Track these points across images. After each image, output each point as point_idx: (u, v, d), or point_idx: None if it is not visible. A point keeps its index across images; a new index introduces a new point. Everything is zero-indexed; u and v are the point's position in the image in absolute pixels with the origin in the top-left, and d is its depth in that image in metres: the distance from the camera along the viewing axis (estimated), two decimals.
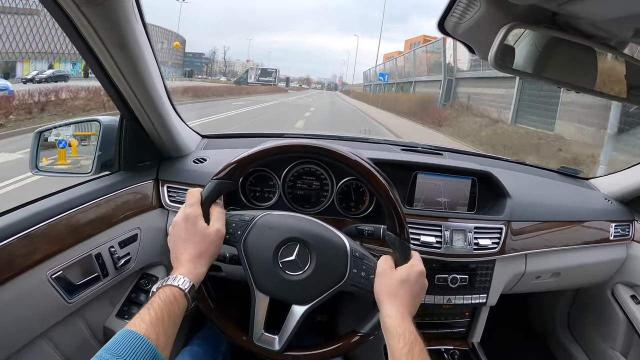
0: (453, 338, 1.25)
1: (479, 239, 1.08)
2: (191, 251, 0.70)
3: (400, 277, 0.73)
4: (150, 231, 1.06)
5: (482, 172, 1.14)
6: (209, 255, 0.72)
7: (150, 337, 0.55)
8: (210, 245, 0.72)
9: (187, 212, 0.73)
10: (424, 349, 0.65)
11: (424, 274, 0.76)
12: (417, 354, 0.64)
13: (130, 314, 1.05)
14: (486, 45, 0.63)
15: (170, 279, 0.66)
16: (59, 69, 25.71)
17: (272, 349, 0.77)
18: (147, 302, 0.62)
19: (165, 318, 0.59)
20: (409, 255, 0.77)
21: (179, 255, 0.71)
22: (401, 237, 0.77)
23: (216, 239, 0.73)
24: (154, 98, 0.93)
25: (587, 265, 1.31)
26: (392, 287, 0.73)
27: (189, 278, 0.66)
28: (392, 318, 0.69)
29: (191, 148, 1.20)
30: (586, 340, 1.57)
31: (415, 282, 0.73)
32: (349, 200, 1.11)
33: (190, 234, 0.71)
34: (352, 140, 1.49)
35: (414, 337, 0.66)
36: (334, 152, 0.79)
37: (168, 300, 0.62)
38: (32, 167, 1.06)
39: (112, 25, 0.71)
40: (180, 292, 0.64)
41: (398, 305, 0.71)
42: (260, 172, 1.10)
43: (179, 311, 0.63)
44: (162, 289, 0.64)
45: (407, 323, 0.68)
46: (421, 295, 0.75)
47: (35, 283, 0.78)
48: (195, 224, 0.72)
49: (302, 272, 0.76)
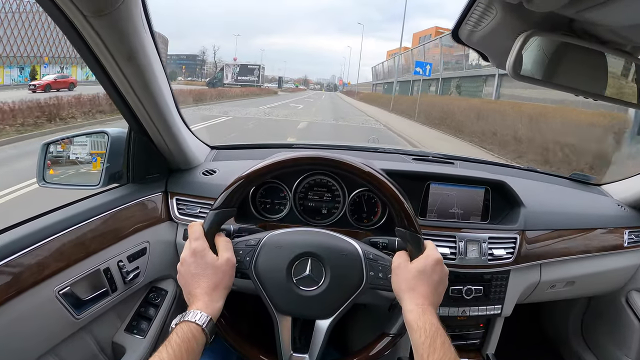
0: (467, 350, 1.22)
1: (494, 249, 1.06)
2: (205, 285, 0.69)
3: (416, 269, 0.71)
4: (159, 244, 1.05)
5: (496, 182, 1.12)
6: (224, 287, 0.71)
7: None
8: (224, 276, 0.71)
9: (193, 247, 0.72)
10: (446, 340, 0.63)
11: (441, 261, 0.73)
12: (439, 346, 0.61)
13: (139, 329, 1.03)
14: (501, 53, 0.63)
15: (187, 315, 0.65)
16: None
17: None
18: (156, 315, 0.61)
19: (184, 355, 0.59)
20: (422, 246, 0.75)
21: (192, 290, 0.70)
22: (411, 230, 0.76)
23: (228, 269, 0.72)
24: (162, 110, 0.92)
25: (602, 272, 1.29)
26: (409, 281, 0.71)
27: (206, 312, 0.66)
28: (412, 313, 0.67)
29: (200, 160, 1.19)
30: (600, 348, 1.54)
31: (432, 271, 0.71)
32: (361, 211, 1.10)
33: (200, 267, 0.71)
34: (362, 150, 1.48)
35: (435, 329, 0.64)
36: (346, 163, 0.79)
37: (186, 338, 0.61)
38: (39, 179, 1.06)
39: (120, 36, 0.71)
40: (198, 328, 0.63)
41: (418, 299, 0.69)
42: (270, 183, 1.09)
43: (197, 347, 0.62)
44: (179, 326, 0.63)
45: (427, 315, 0.66)
46: (442, 284, 0.73)
47: (43, 299, 0.77)
48: (204, 257, 0.71)
49: (318, 286, 0.75)
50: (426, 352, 0.61)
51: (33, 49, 24.69)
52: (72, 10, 0.62)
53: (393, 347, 0.78)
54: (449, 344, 0.63)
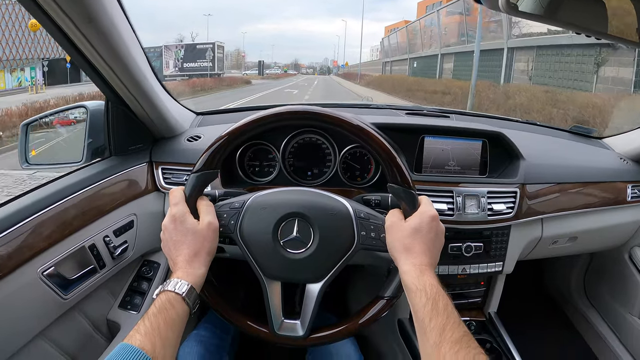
0: (469, 309, 1.21)
1: (493, 204, 1.03)
2: (186, 252, 0.67)
3: (410, 227, 0.68)
4: (147, 216, 1.02)
5: (493, 133, 1.08)
6: (206, 253, 0.69)
7: (145, 348, 0.53)
8: (204, 241, 0.68)
9: (173, 213, 0.69)
10: (449, 302, 0.60)
11: (437, 217, 0.70)
12: (442, 309, 0.58)
13: (132, 304, 1.02)
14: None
15: (167, 284, 0.63)
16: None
17: (296, 335, 0.73)
18: (149, 288, 0.59)
19: (161, 326, 0.56)
20: (416, 202, 0.71)
21: (174, 259, 0.68)
22: (404, 186, 0.72)
23: (209, 234, 0.69)
24: (136, 77, 0.87)
25: (605, 228, 1.26)
26: (404, 240, 0.67)
27: (186, 280, 0.63)
28: (409, 274, 0.64)
29: (185, 127, 1.15)
30: (603, 305, 1.54)
31: (428, 229, 0.68)
32: (354, 169, 1.06)
33: (180, 234, 0.68)
34: (353, 107, 1.43)
35: (435, 291, 0.60)
36: (333, 116, 0.74)
37: (163, 307, 0.59)
38: (22, 161, 1.03)
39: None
40: (177, 297, 0.61)
41: (414, 259, 0.66)
42: (258, 145, 1.05)
43: (177, 317, 0.60)
44: (158, 297, 0.61)
45: (426, 276, 0.63)
46: (439, 242, 0.70)
47: (26, 281, 0.74)
48: (184, 222, 0.68)
49: (307, 248, 0.72)
50: (428, 315, 0.58)
51: None
52: None
53: (391, 309, 0.75)
54: (452, 306, 0.60)
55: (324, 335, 0.74)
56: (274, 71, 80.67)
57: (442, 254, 0.71)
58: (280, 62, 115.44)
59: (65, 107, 1.09)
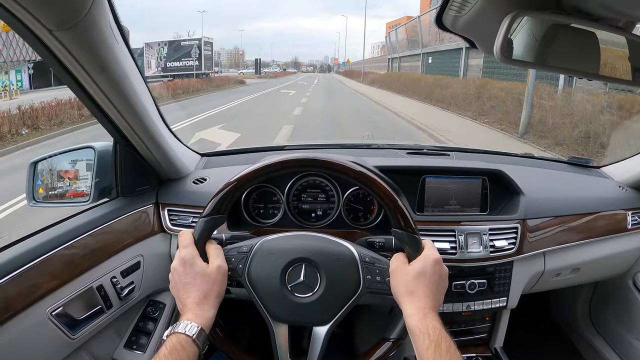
0: (475, 345, 1.20)
1: (495, 240, 1.04)
2: (195, 294, 0.68)
3: (414, 271, 0.69)
4: (153, 257, 1.03)
5: (492, 171, 1.10)
6: (215, 295, 0.69)
7: None
8: (214, 284, 0.69)
9: (182, 255, 0.70)
10: (451, 344, 0.61)
11: (441, 261, 0.71)
12: (445, 351, 0.59)
13: (138, 344, 1.02)
14: (489, 37, 0.61)
15: (177, 326, 0.63)
16: None
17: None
18: (155, 329, 0.59)
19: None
20: (420, 246, 0.72)
21: (183, 301, 0.68)
22: (408, 231, 0.73)
23: (219, 277, 0.70)
24: (144, 121, 0.90)
25: (607, 256, 1.27)
26: (408, 283, 0.68)
27: (196, 322, 0.64)
28: (413, 317, 0.65)
29: (190, 168, 1.17)
30: (610, 332, 1.52)
31: (432, 272, 0.69)
32: (357, 210, 1.08)
33: (190, 276, 0.69)
34: (355, 147, 1.46)
35: (438, 334, 0.61)
36: (336, 163, 0.76)
37: (174, 349, 0.60)
38: (29, 199, 1.04)
39: (89, 48, 0.68)
40: (187, 339, 0.62)
41: (418, 302, 0.66)
42: (263, 188, 1.07)
43: (188, 358, 0.60)
44: (169, 338, 0.62)
45: (430, 319, 0.64)
46: (443, 285, 0.71)
47: (35, 322, 0.75)
48: (194, 265, 0.69)
49: (313, 292, 0.73)
50: (431, 357, 0.59)
51: None
52: (36, 25, 0.60)
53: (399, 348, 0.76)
54: (455, 348, 0.61)
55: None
56: (272, 69, 76.87)
57: (446, 292, 0.72)
58: (279, 61, 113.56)
59: (73, 147, 1.10)
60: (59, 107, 9.17)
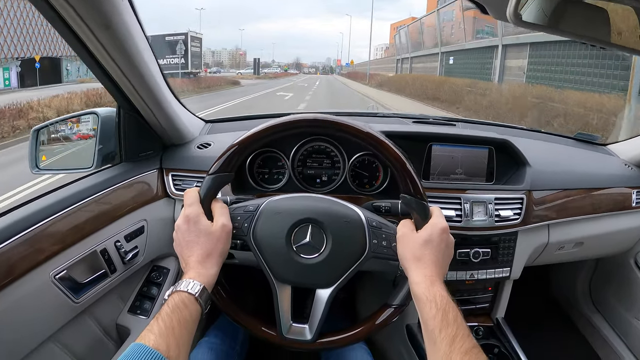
0: (476, 314, 1.21)
1: (500, 210, 1.03)
2: (198, 252, 0.68)
3: (422, 238, 0.69)
4: (157, 222, 1.03)
5: (499, 140, 1.09)
6: (218, 254, 0.69)
7: (159, 348, 0.53)
8: (217, 242, 0.69)
9: (187, 213, 0.70)
10: (459, 313, 0.60)
11: (447, 230, 0.71)
12: (452, 320, 0.59)
13: (142, 309, 1.02)
14: (500, 3, 0.59)
15: (179, 285, 0.63)
16: None
17: (304, 339, 0.74)
18: (159, 294, 0.59)
19: (175, 326, 0.57)
20: (428, 213, 0.72)
21: (186, 259, 0.68)
22: (417, 197, 0.72)
23: (223, 235, 0.70)
24: (150, 84, 0.88)
25: (611, 233, 1.27)
26: (415, 250, 0.68)
27: (198, 281, 0.64)
28: (419, 285, 0.65)
29: (194, 134, 1.16)
30: (609, 310, 1.54)
31: (439, 240, 0.69)
32: (362, 176, 1.07)
33: (194, 234, 0.69)
34: (361, 115, 1.44)
35: (445, 302, 0.61)
36: (345, 124, 0.75)
37: (177, 308, 0.60)
38: (32, 166, 1.03)
39: (92, 2, 0.66)
40: (190, 297, 0.62)
41: (425, 269, 0.66)
42: (267, 153, 1.06)
43: (191, 317, 0.60)
44: (171, 297, 0.62)
45: (437, 287, 0.63)
46: (449, 253, 0.71)
47: (39, 285, 0.75)
48: (198, 223, 0.69)
49: (319, 253, 0.73)
50: (438, 326, 0.58)
51: None
52: None
53: (401, 314, 0.76)
54: (462, 318, 0.60)
55: (331, 340, 0.75)
56: (272, 70, 76.80)
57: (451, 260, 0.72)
58: (281, 62, 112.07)
59: (76, 113, 1.09)
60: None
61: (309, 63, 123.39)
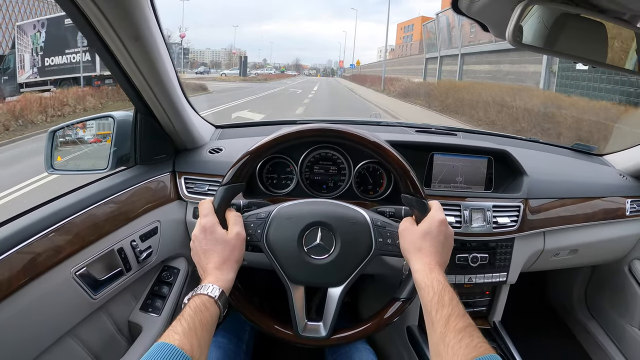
0: (474, 317, 1.23)
1: (498, 217, 1.08)
2: (215, 259, 0.71)
3: (421, 230, 0.73)
4: (170, 223, 1.07)
5: (498, 151, 1.14)
6: (234, 260, 0.73)
7: (184, 347, 0.55)
8: (233, 250, 0.73)
9: (203, 223, 0.74)
10: (454, 295, 0.64)
11: (446, 222, 0.75)
12: (447, 302, 0.62)
13: (153, 307, 1.06)
14: (501, 23, 0.64)
15: (199, 288, 0.67)
16: None
17: (319, 336, 0.78)
18: (169, 293, 0.61)
19: (197, 327, 0.60)
20: (427, 208, 0.77)
21: (204, 266, 0.72)
22: (417, 196, 0.77)
23: (238, 243, 0.74)
24: (169, 90, 0.93)
25: (605, 240, 1.31)
26: (415, 242, 0.73)
27: (217, 285, 0.67)
28: (419, 272, 0.69)
29: (206, 139, 1.21)
30: (604, 317, 1.57)
31: (438, 231, 0.73)
32: (367, 183, 1.12)
33: (210, 243, 0.72)
34: (365, 124, 1.49)
35: (442, 286, 0.65)
36: (352, 133, 0.80)
37: (199, 309, 0.62)
38: (47, 166, 1.07)
39: (126, 16, 0.71)
40: (210, 300, 0.65)
41: (424, 258, 0.71)
42: (277, 159, 1.10)
43: (211, 319, 0.64)
44: (192, 299, 0.65)
45: (435, 273, 0.67)
46: (448, 244, 0.75)
47: (60, 281, 0.78)
48: (214, 232, 0.73)
49: (329, 254, 0.77)
50: (434, 308, 0.62)
51: None
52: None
53: (402, 315, 0.80)
54: (457, 300, 0.64)
55: (345, 335, 0.79)
56: (266, 71, 63.21)
57: (450, 265, 0.76)
58: (278, 62, 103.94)
59: (93, 116, 1.13)
60: None
61: (309, 65, 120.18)
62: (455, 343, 0.57)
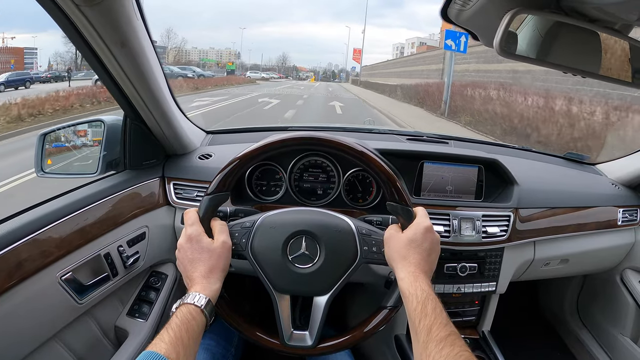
0: (463, 327, 1.25)
1: (487, 226, 1.08)
2: (202, 268, 0.71)
3: (406, 238, 0.73)
4: (158, 229, 1.07)
5: (489, 160, 1.13)
6: (220, 269, 0.73)
7: (170, 356, 0.55)
8: (219, 259, 0.73)
9: (189, 233, 0.74)
10: (437, 304, 0.63)
11: (432, 228, 0.74)
12: (430, 311, 0.62)
13: (140, 312, 1.05)
14: (490, 31, 0.63)
15: (186, 298, 0.67)
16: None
17: (305, 345, 0.78)
18: (157, 298, 0.61)
19: (184, 336, 0.60)
20: (412, 215, 0.76)
21: (190, 275, 0.72)
22: (402, 203, 0.77)
23: (224, 252, 0.74)
24: (157, 96, 0.93)
25: (596, 251, 1.31)
26: (400, 250, 0.72)
27: (204, 294, 0.67)
28: (404, 280, 0.68)
29: (196, 144, 1.21)
30: (596, 326, 1.57)
31: (423, 239, 0.72)
32: (356, 191, 1.11)
33: (196, 252, 0.72)
34: (357, 131, 1.49)
35: (426, 295, 0.64)
36: (338, 142, 0.80)
37: (185, 319, 0.63)
38: (37, 170, 1.06)
39: (112, 23, 0.71)
40: (196, 310, 0.65)
41: (409, 266, 0.70)
42: (266, 165, 1.10)
43: (198, 328, 0.64)
44: (179, 309, 0.65)
45: (419, 282, 0.67)
46: (434, 251, 0.74)
47: (45, 285, 0.78)
48: (200, 241, 0.73)
49: (314, 263, 0.77)
50: (418, 317, 0.62)
51: None
52: (65, 0, 0.63)
53: (390, 324, 0.80)
54: (441, 308, 0.63)
55: (331, 344, 0.79)
56: (257, 74, 51.07)
57: (438, 274, 0.76)
58: (258, 62, 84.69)
59: (83, 120, 1.13)
60: None
61: (308, 67, 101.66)
62: (436, 353, 0.57)
